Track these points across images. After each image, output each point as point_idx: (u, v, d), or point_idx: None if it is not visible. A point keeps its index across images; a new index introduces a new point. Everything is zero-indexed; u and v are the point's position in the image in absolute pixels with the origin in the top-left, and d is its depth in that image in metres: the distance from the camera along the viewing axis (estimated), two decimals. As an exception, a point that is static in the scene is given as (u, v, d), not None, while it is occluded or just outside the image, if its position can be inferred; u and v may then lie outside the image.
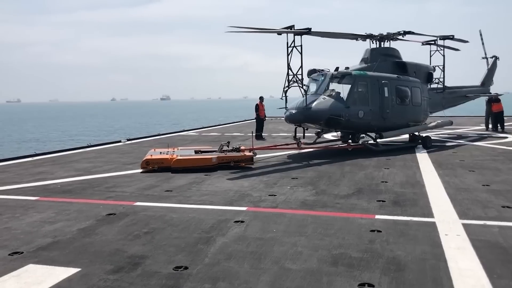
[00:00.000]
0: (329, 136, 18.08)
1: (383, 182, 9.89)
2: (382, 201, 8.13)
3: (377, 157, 13.62)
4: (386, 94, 15.18)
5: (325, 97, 14.29)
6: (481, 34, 23.07)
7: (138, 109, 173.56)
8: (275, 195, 8.73)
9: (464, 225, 6.59)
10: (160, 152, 12.90)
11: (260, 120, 20.89)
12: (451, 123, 18.48)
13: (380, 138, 15.16)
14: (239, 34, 13.42)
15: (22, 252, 5.70)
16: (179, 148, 14.12)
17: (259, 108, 21.12)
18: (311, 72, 15.60)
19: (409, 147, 15.72)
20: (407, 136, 17.16)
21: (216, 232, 6.40)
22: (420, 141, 16.13)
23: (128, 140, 20.01)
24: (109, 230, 6.65)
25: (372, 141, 15.41)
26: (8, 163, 13.69)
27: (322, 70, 15.36)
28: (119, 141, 19.46)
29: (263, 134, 20.61)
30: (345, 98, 14.39)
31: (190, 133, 23.85)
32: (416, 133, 16.63)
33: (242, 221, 6.93)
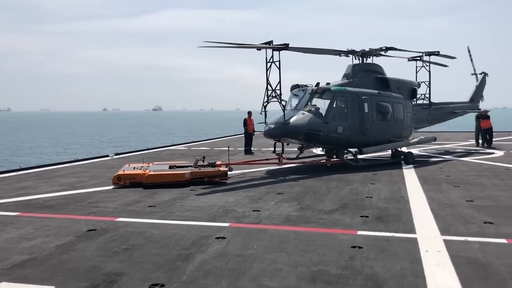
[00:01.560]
0: (317, 151, 18.13)
1: (368, 197, 9.89)
2: (366, 216, 8.12)
3: (364, 172, 13.64)
4: (366, 110, 15.19)
5: (304, 112, 14.33)
6: (469, 51, 23.30)
7: (131, 119, 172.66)
8: (259, 211, 8.68)
9: (445, 241, 6.58)
10: (134, 167, 12.66)
11: (248, 134, 20.88)
12: (434, 139, 18.45)
13: (360, 154, 15.14)
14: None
15: (-4, 270, 5.59)
16: (155, 163, 13.96)
17: (247, 122, 21.13)
18: (293, 87, 15.65)
19: (391, 163, 15.66)
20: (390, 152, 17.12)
21: (196, 249, 6.33)
22: (402, 156, 16.07)
23: (116, 154, 19.90)
24: (88, 246, 6.55)
25: (352, 157, 15.38)
26: (-9, 178, 13.53)
27: (305, 85, 15.38)
28: (107, 156, 19.34)
29: (252, 148, 20.58)
30: (324, 114, 14.46)
31: (179, 147, 23.78)
32: (399, 149, 16.56)
33: (223, 237, 6.87)
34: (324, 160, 15.50)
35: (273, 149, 15.12)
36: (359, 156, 15.40)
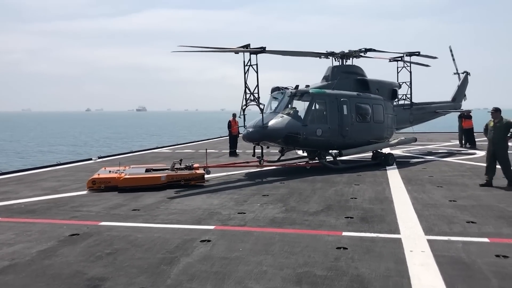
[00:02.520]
0: (300, 153, 18.14)
1: (352, 198, 9.94)
2: (350, 217, 8.15)
3: (349, 173, 13.71)
4: (345, 112, 15.14)
5: (283, 115, 14.28)
6: (451, 50, 23.40)
7: (114, 120, 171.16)
8: (244, 213, 8.65)
9: (429, 241, 6.64)
10: (110, 171, 12.48)
11: (233, 136, 20.82)
12: (415, 140, 18.45)
13: (340, 156, 15.05)
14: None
15: (-24, 277, 5.46)
16: (131, 166, 13.79)
17: (231, 124, 21.08)
18: (274, 90, 15.60)
19: (371, 165, 15.59)
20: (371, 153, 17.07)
21: (181, 252, 6.28)
22: (383, 157, 15.95)
23: (99, 158, 19.67)
24: (71, 251, 6.45)
25: (331, 159, 15.25)
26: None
27: (286, 88, 15.30)
28: (90, 159, 19.11)
29: (237, 150, 20.54)
30: (302, 116, 14.41)
31: (163, 150, 23.61)
32: (380, 150, 16.49)
33: (208, 240, 6.83)
34: (304, 163, 15.44)
35: (253, 152, 14.99)
36: (341, 158, 15.34)
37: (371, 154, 16.69)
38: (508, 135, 11.08)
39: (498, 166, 11.20)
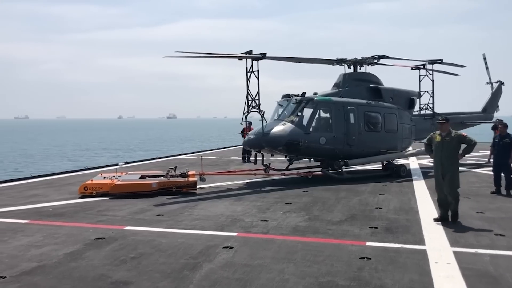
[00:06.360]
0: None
1: (377, 208, 9.82)
2: (375, 227, 8.05)
3: (374, 182, 13.54)
4: (352, 120, 14.62)
5: (286, 122, 14.03)
6: (485, 58, 22.38)
7: (146, 128, 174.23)
8: (267, 221, 8.65)
9: (455, 253, 6.51)
10: (104, 177, 12.56)
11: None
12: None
13: (346, 166, 14.55)
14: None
15: (5, 277, 5.62)
16: (128, 173, 13.89)
17: (245, 131, 21.09)
18: (284, 97, 15.36)
19: (379, 176, 14.88)
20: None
21: (204, 258, 6.32)
22: (394, 169, 15.28)
23: (125, 163, 19.97)
24: (96, 254, 6.57)
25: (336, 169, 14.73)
26: (2, 185, 13.66)
27: (296, 95, 14.96)
28: (117, 164, 19.42)
29: (251, 158, 20.44)
30: (305, 124, 14.12)
31: (188, 156, 23.82)
32: (393, 161, 15.88)
33: (231, 247, 6.86)
34: (306, 172, 14.75)
35: (253, 159, 14.79)
36: (352, 168, 14.68)
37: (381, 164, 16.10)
38: (460, 152, 8.81)
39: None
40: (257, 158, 14.79)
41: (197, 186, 12.26)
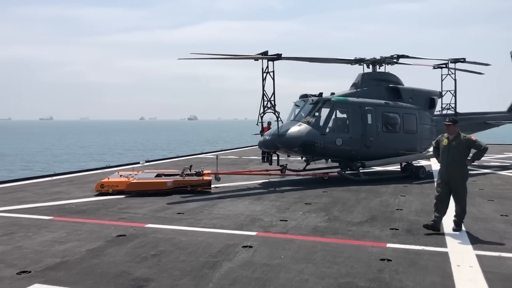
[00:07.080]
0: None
1: (398, 209, 9.72)
2: (395, 229, 7.97)
3: (394, 184, 13.41)
4: (370, 121, 14.45)
5: (302, 123, 13.93)
6: None
7: (168, 129, 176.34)
8: (286, 221, 8.65)
9: (478, 256, 6.39)
10: (121, 175, 12.74)
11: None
12: None
13: (363, 167, 14.38)
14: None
15: (30, 272, 5.74)
16: (145, 171, 14.00)
17: (264, 131, 21.09)
18: (302, 97, 15.23)
19: (397, 178, 14.73)
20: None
21: (223, 257, 6.35)
22: (413, 170, 15.10)
23: (146, 161, 20.22)
24: (118, 251, 6.67)
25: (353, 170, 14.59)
26: (26, 182, 13.97)
27: (314, 95, 14.82)
28: (138, 163, 19.67)
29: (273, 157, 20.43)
30: (322, 125, 14.02)
31: (208, 155, 23.96)
32: (412, 163, 15.61)
33: (250, 246, 6.88)
34: (322, 173, 14.59)
35: (276, 159, 14.59)
36: (373, 169, 14.51)
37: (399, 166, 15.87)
38: (468, 158, 8.00)
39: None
40: (273, 158, 14.73)
41: (212, 185, 12.32)
